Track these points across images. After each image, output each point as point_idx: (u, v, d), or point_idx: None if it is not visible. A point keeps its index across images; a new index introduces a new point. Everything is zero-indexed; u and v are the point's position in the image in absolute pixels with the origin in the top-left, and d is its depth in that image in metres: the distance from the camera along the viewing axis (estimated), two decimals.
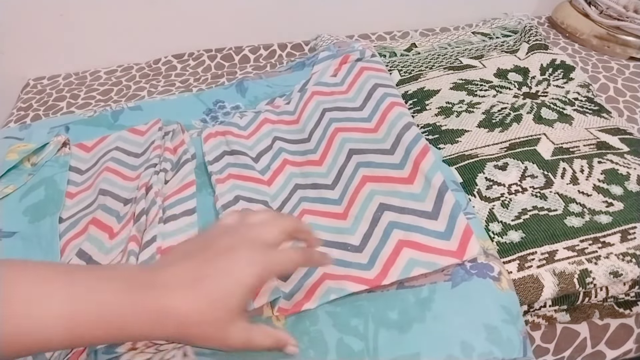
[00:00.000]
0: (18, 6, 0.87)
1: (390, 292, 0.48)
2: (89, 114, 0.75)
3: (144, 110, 0.74)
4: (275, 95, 0.75)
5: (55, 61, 0.94)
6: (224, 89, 0.78)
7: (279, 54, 0.98)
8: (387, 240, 0.50)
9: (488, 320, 0.45)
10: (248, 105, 0.75)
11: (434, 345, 0.44)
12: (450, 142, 0.66)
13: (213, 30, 0.98)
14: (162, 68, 0.95)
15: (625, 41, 0.90)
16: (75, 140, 0.70)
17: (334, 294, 0.47)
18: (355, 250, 0.51)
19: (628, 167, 0.60)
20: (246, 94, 0.77)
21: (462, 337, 0.44)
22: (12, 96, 0.92)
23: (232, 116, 0.72)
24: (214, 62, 0.95)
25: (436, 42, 0.91)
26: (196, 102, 0.76)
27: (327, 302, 0.47)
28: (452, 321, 0.46)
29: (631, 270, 0.50)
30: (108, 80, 0.93)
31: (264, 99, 0.75)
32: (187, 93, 0.80)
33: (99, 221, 0.57)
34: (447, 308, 0.46)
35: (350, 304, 0.47)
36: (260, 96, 0.76)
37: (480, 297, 0.47)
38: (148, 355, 0.44)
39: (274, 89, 0.77)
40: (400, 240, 0.50)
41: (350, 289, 0.48)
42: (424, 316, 0.46)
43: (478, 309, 0.46)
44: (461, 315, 0.46)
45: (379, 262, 0.49)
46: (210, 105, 0.75)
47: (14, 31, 0.89)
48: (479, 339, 0.44)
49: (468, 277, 0.48)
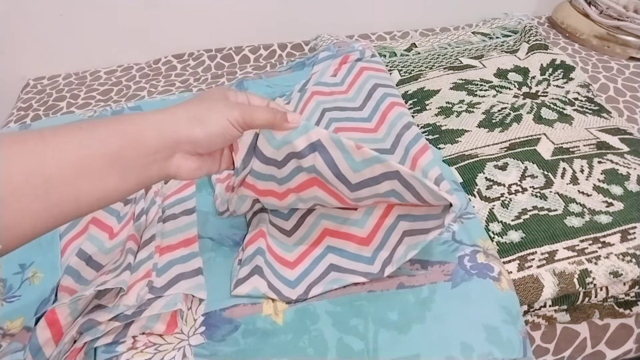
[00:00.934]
0: (18, 6, 0.87)
1: (390, 292, 0.48)
2: (89, 114, 0.75)
3: (144, 110, 0.74)
4: (275, 95, 0.75)
5: (55, 61, 0.95)
6: None
7: (279, 54, 0.98)
8: (392, 234, 0.50)
9: (488, 321, 0.45)
10: None
11: (434, 346, 0.44)
12: (450, 142, 0.66)
13: (213, 30, 0.98)
14: (162, 68, 0.95)
15: (625, 41, 0.90)
16: None
17: (336, 284, 0.49)
18: (362, 243, 0.52)
19: (628, 167, 0.60)
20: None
21: (462, 338, 0.44)
22: (12, 96, 0.92)
23: None
24: (214, 62, 0.95)
25: (436, 42, 0.91)
26: None
27: (330, 290, 0.49)
28: (452, 322, 0.46)
29: (631, 270, 0.50)
30: (108, 80, 0.93)
31: None
32: (187, 93, 0.80)
33: (99, 221, 0.57)
34: (447, 308, 0.46)
35: (350, 304, 0.48)
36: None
37: (480, 297, 0.47)
38: (148, 355, 0.44)
39: (273, 89, 0.77)
40: (404, 231, 0.50)
41: (351, 279, 0.49)
42: (424, 316, 0.46)
43: (478, 310, 0.46)
44: (461, 316, 0.46)
45: (379, 257, 0.49)
46: None
47: (14, 31, 0.89)
48: (479, 340, 0.44)
49: (468, 277, 0.48)
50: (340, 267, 0.50)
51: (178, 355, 0.44)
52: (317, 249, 0.53)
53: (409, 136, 0.55)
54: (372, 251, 0.51)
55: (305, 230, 0.55)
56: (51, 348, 0.44)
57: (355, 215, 0.53)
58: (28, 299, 0.51)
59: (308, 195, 0.50)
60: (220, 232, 0.56)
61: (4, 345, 0.47)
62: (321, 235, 0.54)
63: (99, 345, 0.45)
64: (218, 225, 0.57)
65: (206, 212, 0.58)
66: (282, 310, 0.48)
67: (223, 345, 0.45)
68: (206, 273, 0.51)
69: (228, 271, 0.52)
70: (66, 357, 0.44)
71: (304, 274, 0.51)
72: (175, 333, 0.46)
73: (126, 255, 0.49)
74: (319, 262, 0.51)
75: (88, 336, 0.44)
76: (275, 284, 0.49)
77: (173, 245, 0.54)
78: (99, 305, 0.46)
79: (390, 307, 0.47)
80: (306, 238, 0.54)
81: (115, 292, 0.47)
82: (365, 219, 0.52)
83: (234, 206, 0.54)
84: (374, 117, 0.62)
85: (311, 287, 0.49)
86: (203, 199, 0.60)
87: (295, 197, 0.50)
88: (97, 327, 0.44)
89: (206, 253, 0.54)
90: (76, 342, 0.45)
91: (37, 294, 0.51)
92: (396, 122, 0.57)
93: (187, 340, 0.46)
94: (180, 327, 0.47)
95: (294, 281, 0.50)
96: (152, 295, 0.47)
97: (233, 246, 0.55)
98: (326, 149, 0.45)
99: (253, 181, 0.49)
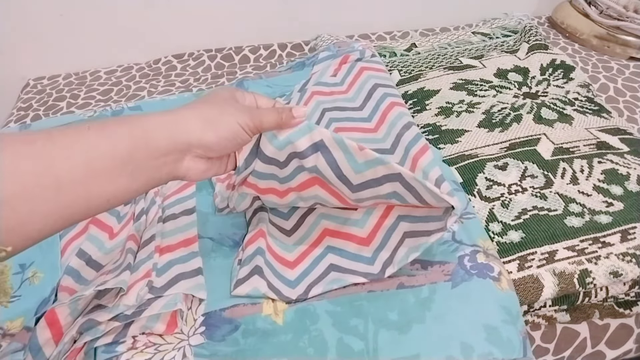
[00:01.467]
0: (18, 6, 0.87)
1: (390, 292, 0.48)
2: (89, 114, 0.75)
3: (144, 110, 0.74)
4: (275, 95, 0.75)
5: (55, 61, 0.95)
6: None
7: (279, 54, 0.98)
8: (393, 234, 0.50)
9: (488, 321, 0.45)
10: None
11: (434, 346, 0.44)
12: (450, 142, 0.66)
13: (213, 30, 0.98)
14: (162, 68, 0.95)
15: (625, 41, 0.90)
16: None
17: (336, 284, 0.49)
18: (362, 243, 0.52)
19: (628, 167, 0.60)
20: None
21: (462, 338, 0.44)
22: (12, 96, 0.92)
23: None
24: (214, 62, 0.95)
25: (436, 42, 0.91)
26: None
27: (330, 290, 0.49)
28: (452, 322, 0.46)
29: (631, 270, 0.50)
30: (108, 80, 0.93)
31: None
32: (187, 93, 0.80)
33: (99, 221, 0.57)
34: (447, 308, 0.46)
35: (350, 304, 0.48)
36: None
37: (480, 297, 0.47)
38: (148, 355, 0.44)
39: (273, 89, 0.77)
40: (405, 232, 0.50)
41: (352, 279, 0.49)
42: (424, 316, 0.46)
43: (478, 309, 0.46)
44: (461, 316, 0.46)
45: (380, 258, 0.49)
46: None
47: (14, 31, 0.89)
48: (479, 340, 0.44)
49: (468, 277, 0.48)
50: (340, 267, 0.50)
51: (178, 355, 0.44)
52: (317, 249, 0.53)
53: (409, 136, 0.55)
54: (372, 251, 0.51)
55: (305, 230, 0.55)
56: (51, 348, 0.44)
57: (356, 215, 0.53)
58: (28, 299, 0.51)
59: (309, 194, 0.49)
60: (220, 232, 0.56)
61: (4, 346, 0.47)
62: (321, 235, 0.54)
63: (99, 345, 0.45)
64: (218, 225, 0.57)
65: (206, 212, 0.58)
66: (282, 310, 0.48)
67: (223, 345, 0.45)
68: (206, 273, 0.51)
69: (228, 271, 0.52)
70: (66, 357, 0.44)
71: (303, 274, 0.51)
72: (175, 333, 0.46)
73: (126, 255, 0.49)
74: (318, 262, 0.52)
75: (88, 336, 0.44)
76: (275, 283, 0.49)
77: (173, 245, 0.54)
78: (99, 305, 0.46)
79: (390, 307, 0.47)
80: (306, 238, 0.54)
81: (115, 292, 0.47)
82: (366, 219, 0.52)
83: (234, 203, 0.54)
84: (374, 117, 0.62)
85: (311, 287, 0.49)
86: (203, 199, 0.60)
87: (296, 195, 0.50)
88: (97, 327, 0.44)
89: (206, 253, 0.54)
90: (76, 342, 0.45)
91: (37, 294, 0.51)
92: (396, 122, 0.57)
93: (187, 340, 0.46)
94: (180, 327, 0.47)
95: (293, 281, 0.50)
96: (152, 295, 0.47)
97: (233, 246, 0.55)
98: (329, 150, 0.45)
99: (254, 181, 0.49)
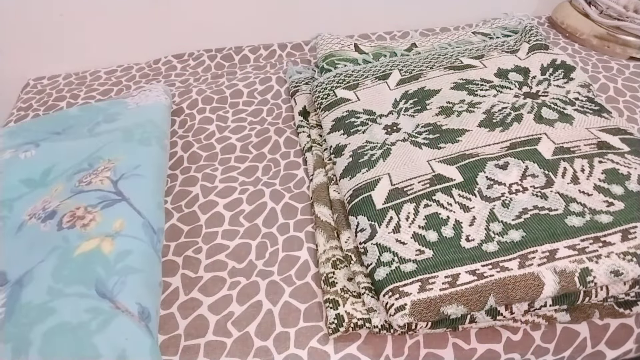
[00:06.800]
0: (18, 6, 0.87)
1: None
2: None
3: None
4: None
5: (55, 61, 0.95)
6: None
7: (279, 54, 0.98)
8: None
9: None
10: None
11: None
12: (451, 141, 0.66)
13: (213, 30, 0.98)
14: (162, 68, 0.95)
15: (625, 41, 0.90)
16: None
17: None
18: None
19: (629, 166, 0.60)
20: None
21: None
22: (12, 96, 0.92)
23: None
24: (214, 62, 0.95)
25: (436, 42, 0.91)
26: None
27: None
28: None
29: (632, 269, 0.50)
30: (108, 80, 0.93)
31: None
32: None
33: None
34: None
35: None
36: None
37: None
38: None
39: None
40: None
41: None
42: None
43: None
44: None
45: None
46: None
47: (14, 31, 0.89)
48: None
49: None
50: None
51: None
52: None
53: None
54: None
55: None
56: None
57: None
58: None
59: None
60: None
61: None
62: None
63: None
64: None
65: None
66: None
67: None
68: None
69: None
70: None
71: None
72: None
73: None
74: None
75: None
76: None
77: None
78: None
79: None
80: None
81: None
82: None
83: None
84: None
85: None
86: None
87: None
88: None
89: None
90: None
91: None
92: None
93: None
94: None
95: None
96: None
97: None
98: None
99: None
